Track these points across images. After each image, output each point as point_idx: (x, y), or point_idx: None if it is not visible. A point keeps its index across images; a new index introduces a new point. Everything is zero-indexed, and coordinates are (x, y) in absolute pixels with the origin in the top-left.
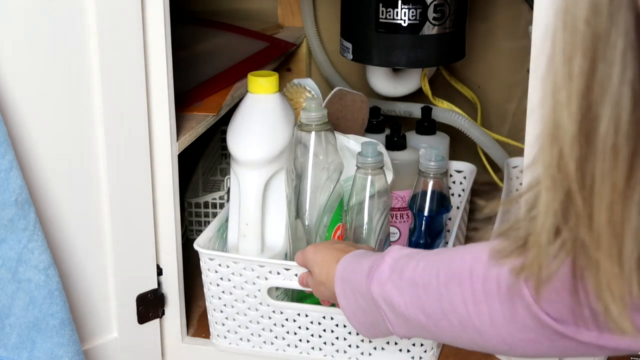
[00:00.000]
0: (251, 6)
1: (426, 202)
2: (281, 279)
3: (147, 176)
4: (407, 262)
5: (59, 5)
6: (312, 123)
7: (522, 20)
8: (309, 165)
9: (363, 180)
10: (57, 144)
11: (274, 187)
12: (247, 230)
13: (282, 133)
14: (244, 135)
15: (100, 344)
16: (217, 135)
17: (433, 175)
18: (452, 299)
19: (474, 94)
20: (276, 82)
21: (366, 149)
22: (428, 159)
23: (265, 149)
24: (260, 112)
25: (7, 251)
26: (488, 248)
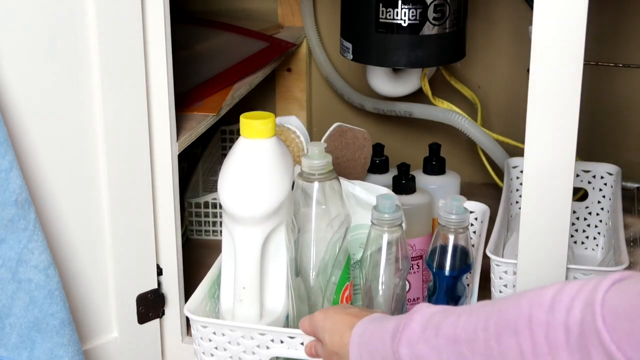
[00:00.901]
0: (251, 6)
1: (447, 260)
2: (285, 348)
3: (147, 176)
4: (444, 318)
5: (59, 5)
6: (315, 172)
7: (522, 20)
8: (313, 219)
9: (379, 238)
10: (57, 144)
11: (273, 244)
12: (244, 294)
13: (282, 184)
14: (239, 188)
15: (100, 344)
16: (217, 135)
17: (454, 229)
18: (505, 353)
19: (474, 94)
20: (273, 125)
21: (382, 204)
22: (449, 211)
23: (263, 203)
24: (256, 160)
25: (7, 251)
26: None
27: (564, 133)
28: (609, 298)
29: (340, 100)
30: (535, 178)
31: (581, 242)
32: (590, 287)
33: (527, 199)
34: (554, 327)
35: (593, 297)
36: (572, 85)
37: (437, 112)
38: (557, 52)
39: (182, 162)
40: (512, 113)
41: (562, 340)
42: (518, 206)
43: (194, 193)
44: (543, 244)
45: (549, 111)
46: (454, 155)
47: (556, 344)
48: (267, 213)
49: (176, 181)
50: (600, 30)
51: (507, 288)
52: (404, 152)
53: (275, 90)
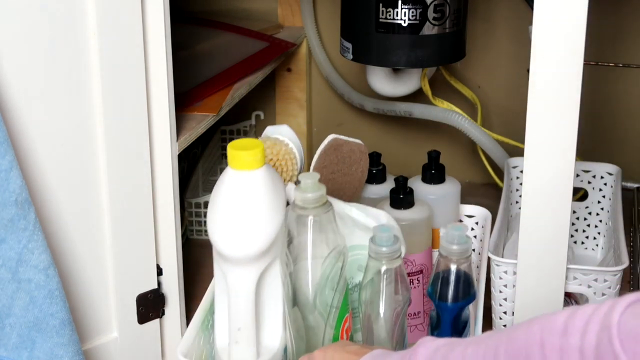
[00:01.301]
0: (251, 6)
1: (449, 291)
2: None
3: (147, 176)
4: (450, 350)
5: (59, 5)
6: (309, 205)
7: (522, 20)
8: (309, 252)
9: (377, 272)
10: (57, 144)
11: (269, 280)
12: (240, 335)
13: (274, 217)
14: (230, 226)
15: (100, 344)
16: (217, 135)
17: (456, 260)
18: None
19: (474, 94)
20: (262, 155)
21: (380, 237)
22: (450, 241)
23: (257, 241)
24: (247, 194)
25: (7, 251)
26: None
27: (564, 133)
28: (625, 320)
29: (340, 100)
30: (535, 178)
31: (581, 242)
32: (605, 310)
33: (527, 199)
34: (569, 352)
35: (609, 320)
36: (572, 85)
37: (437, 112)
38: (557, 52)
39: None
40: (512, 113)
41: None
42: (518, 206)
43: (194, 193)
44: (543, 244)
45: (549, 111)
46: (454, 155)
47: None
48: (262, 251)
49: (176, 181)
50: (600, 30)
51: (507, 288)
52: (404, 152)
53: (275, 90)
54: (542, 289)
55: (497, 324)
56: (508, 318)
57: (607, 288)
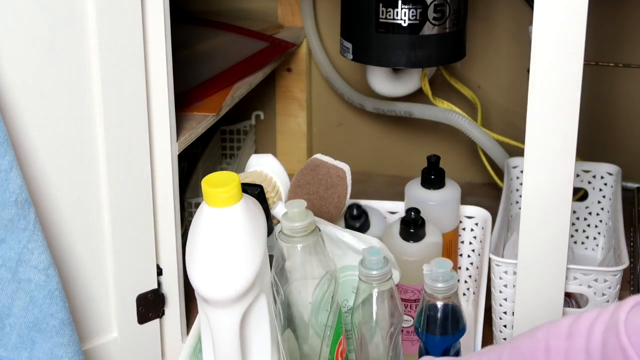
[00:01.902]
0: (251, 6)
1: (437, 328)
2: None
3: (147, 176)
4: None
5: (59, 5)
6: (296, 235)
7: (522, 20)
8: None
9: (368, 295)
10: (57, 144)
11: (254, 317)
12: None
13: (255, 253)
14: (209, 267)
15: (100, 344)
16: (217, 135)
17: (442, 297)
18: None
19: (474, 94)
20: (238, 190)
21: (369, 260)
22: (434, 279)
23: (237, 282)
24: (224, 233)
25: (7, 251)
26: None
27: (564, 133)
28: (632, 318)
29: (340, 100)
30: (535, 178)
31: (581, 242)
32: (610, 311)
33: (527, 199)
34: (574, 353)
35: (615, 318)
36: (572, 85)
37: (437, 112)
38: (557, 52)
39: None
40: (512, 113)
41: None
42: (518, 206)
43: (194, 193)
44: (543, 244)
45: (549, 111)
46: (454, 155)
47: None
48: (244, 291)
49: (176, 181)
50: (600, 30)
51: (507, 288)
52: (404, 152)
53: (275, 90)
54: (542, 289)
55: (497, 324)
56: (508, 318)
57: (607, 288)
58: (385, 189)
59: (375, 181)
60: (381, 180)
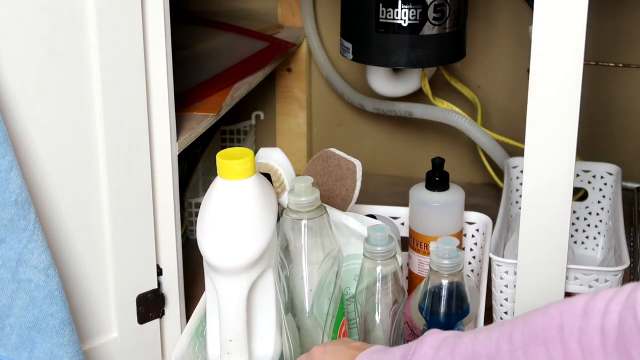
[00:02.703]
0: (251, 6)
1: (441, 307)
2: None
3: (147, 176)
4: (459, 338)
5: (59, 5)
6: (302, 209)
7: (522, 20)
8: (303, 256)
9: (372, 271)
10: (57, 144)
11: (260, 289)
12: (231, 346)
13: (265, 226)
14: (219, 236)
15: (100, 344)
16: (217, 135)
17: (448, 275)
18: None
19: (474, 94)
20: (252, 164)
21: (374, 236)
22: (441, 256)
23: (248, 252)
24: (236, 204)
25: (7, 251)
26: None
27: (564, 133)
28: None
29: (340, 100)
30: (535, 178)
31: (581, 242)
32: (627, 292)
33: (527, 199)
34: (589, 332)
35: (633, 299)
36: (572, 85)
37: (437, 112)
38: (557, 52)
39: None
40: (512, 113)
41: (597, 344)
42: (518, 206)
43: (194, 193)
44: (543, 244)
45: (549, 111)
46: (454, 155)
47: (591, 349)
48: (252, 261)
49: (176, 181)
50: (600, 30)
51: (508, 288)
52: (404, 152)
53: (275, 90)
54: (543, 289)
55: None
56: (509, 318)
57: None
58: (386, 189)
59: (375, 181)
60: (381, 180)
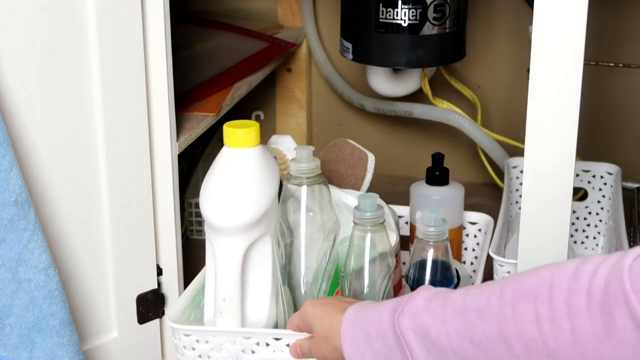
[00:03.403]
0: (251, 6)
1: (426, 275)
2: (271, 351)
3: (147, 176)
4: (451, 293)
5: (59, 5)
6: (302, 175)
7: (522, 20)
8: (302, 223)
9: (361, 239)
10: (57, 144)
11: (257, 255)
12: (224, 306)
13: (265, 193)
14: (220, 197)
15: (100, 344)
16: (217, 135)
17: (434, 243)
18: (520, 319)
19: (474, 94)
20: (257, 133)
21: (364, 203)
22: (426, 224)
23: (244, 213)
24: (239, 169)
25: (7, 251)
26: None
27: (564, 133)
28: (637, 266)
29: (340, 100)
30: (535, 178)
31: (581, 242)
32: (616, 258)
33: (527, 199)
34: (576, 292)
35: (620, 265)
36: (572, 85)
37: (437, 112)
38: (557, 52)
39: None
40: (512, 113)
41: (583, 304)
42: (518, 206)
43: (194, 193)
44: (543, 244)
45: (549, 111)
46: (454, 155)
47: (577, 307)
48: (250, 223)
49: (176, 181)
50: (600, 30)
51: None
52: (404, 152)
53: (275, 90)
54: None
55: None
56: None
57: None
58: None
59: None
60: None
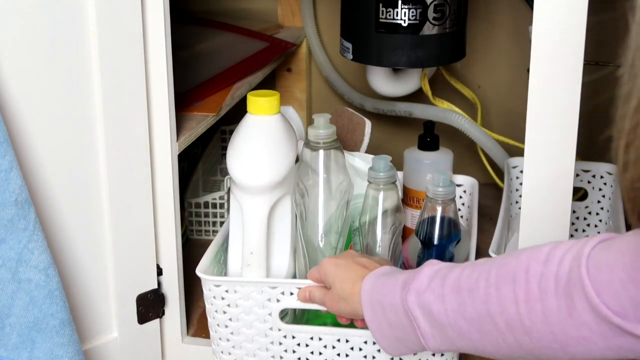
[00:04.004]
0: (251, 6)
1: (435, 230)
2: (294, 300)
3: (147, 176)
4: (450, 271)
5: (59, 5)
6: (320, 141)
7: (522, 20)
8: (320, 185)
9: (374, 196)
10: (57, 144)
11: (278, 213)
12: (252, 259)
13: (287, 156)
14: (248, 159)
15: (100, 344)
16: (217, 135)
17: (442, 201)
18: (502, 300)
19: (474, 94)
20: (277, 103)
21: (378, 164)
22: (436, 184)
23: (270, 173)
24: (263, 134)
25: (7, 251)
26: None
27: (564, 133)
28: (594, 254)
29: (340, 100)
30: (535, 178)
31: None
32: (580, 245)
33: (527, 199)
34: (547, 276)
35: (581, 252)
36: (572, 85)
37: (437, 112)
38: (557, 52)
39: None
40: (512, 113)
41: (551, 287)
42: (518, 206)
43: (194, 193)
44: None
45: (549, 111)
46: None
47: (547, 291)
48: (273, 183)
49: (176, 181)
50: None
51: None
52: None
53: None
54: None
55: None
56: None
57: None
58: None
59: None
60: None
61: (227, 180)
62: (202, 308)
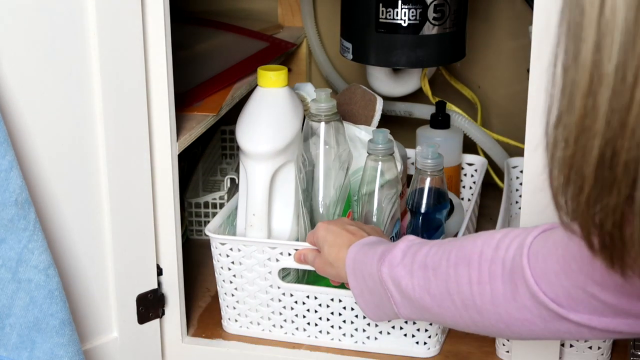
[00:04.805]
0: (251, 6)
1: (423, 199)
2: (291, 260)
3: (147, 176)
4: (420, 248)
5: (59, 5)
6: (321, 113)
7: (522, 20)
8: (321, 154)
9: (373, 167)
10: (57, 144)
11: (282, 179)
12: (254, 220)
13: (290, 126)
14: (252, 128)
15: (100, 344)
16: (217, 135)
17: (430, 172)
18: (459, 280)
19: (474, 94)
20: (285, 76)
21: (377, 136)
22: (424, 156)
23: (272, 141)
24: (269, 105)
25: (7, 251)
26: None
27: None
28: (535, 243)
29: None
30: (535, 178)
31: None
32: (525, 234)
33: (527, 199)
34: (495, 262)
35: (524, 241)
36: None
37: None
38: None
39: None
40: (512, 113)
41: (499, 272)
42: (518, 206)
43: (194, 193)
44: None
45: None
46: None
47: (495, 275)
48: (275, 150)
49: (176, 181)
50: None
51: None
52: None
53: None
54: None
55: None
56: None
57: None
58: None
59: None
60: None
61: (227, 180)
62: (202, 308)
